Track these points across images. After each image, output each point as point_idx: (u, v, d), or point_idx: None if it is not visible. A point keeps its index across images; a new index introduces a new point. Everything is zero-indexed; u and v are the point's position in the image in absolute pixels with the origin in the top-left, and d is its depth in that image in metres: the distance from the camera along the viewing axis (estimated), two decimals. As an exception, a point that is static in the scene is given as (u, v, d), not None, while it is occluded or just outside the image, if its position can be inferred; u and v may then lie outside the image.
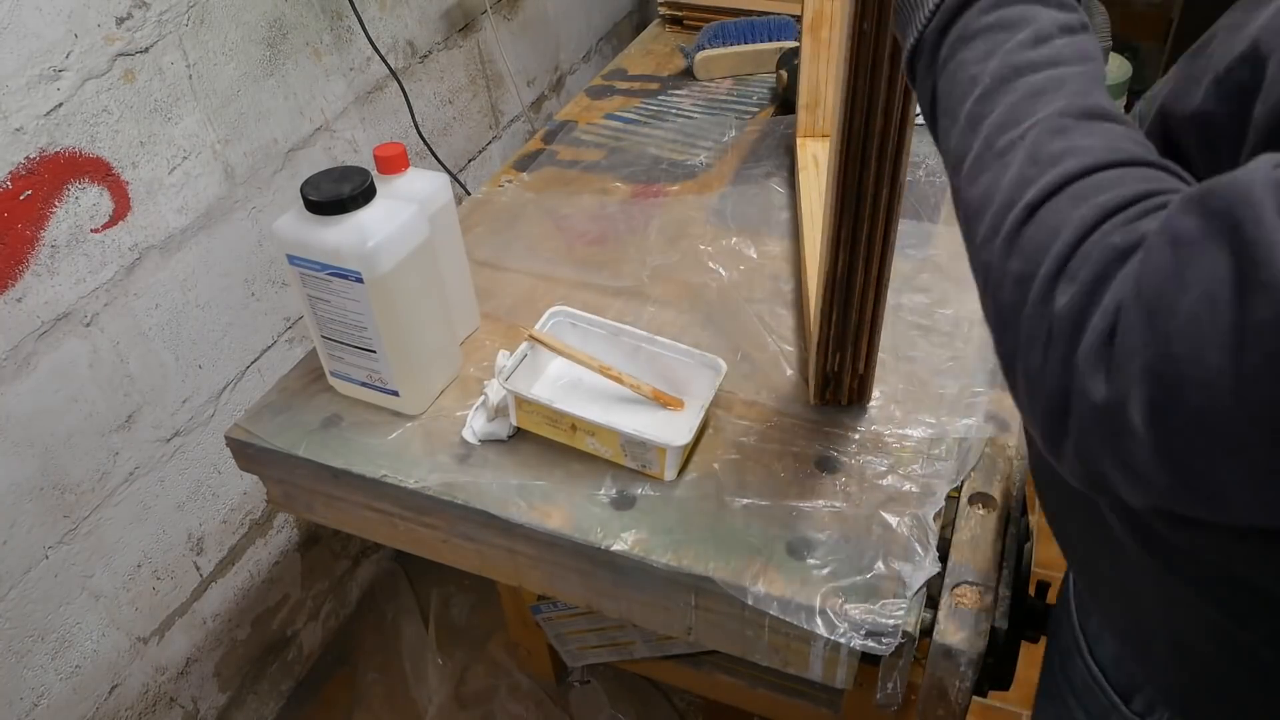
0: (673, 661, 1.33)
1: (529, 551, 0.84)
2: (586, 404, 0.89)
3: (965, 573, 0.76)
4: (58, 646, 1.12)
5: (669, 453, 0.82)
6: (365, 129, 1.38)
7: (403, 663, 1.60)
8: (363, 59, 1.35)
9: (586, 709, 1.52)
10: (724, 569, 0.77)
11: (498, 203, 1.24)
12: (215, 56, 1.11)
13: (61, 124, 0.96)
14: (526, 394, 0.85)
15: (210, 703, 1.39)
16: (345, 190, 0.80)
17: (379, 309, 0.83)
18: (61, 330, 1.02)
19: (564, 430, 0.85)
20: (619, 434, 0.82)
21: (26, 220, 0.95)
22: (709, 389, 0.88)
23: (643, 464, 0.84)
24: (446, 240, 0.93)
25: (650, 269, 1.09)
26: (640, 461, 0.84)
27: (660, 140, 1.34)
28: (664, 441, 0.81)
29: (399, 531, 0.91)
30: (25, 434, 1.01)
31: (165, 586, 1.25)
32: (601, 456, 0.85)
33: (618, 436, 0.83)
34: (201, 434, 1.24)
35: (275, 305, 1.30)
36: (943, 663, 0.73)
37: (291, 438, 0.91)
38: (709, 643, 0.83)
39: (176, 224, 1.12)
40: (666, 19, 1.72)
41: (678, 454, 0.83)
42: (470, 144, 1.66)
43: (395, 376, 0.89)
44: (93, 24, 0.97)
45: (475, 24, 1.59)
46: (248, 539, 1.38)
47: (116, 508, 1.14)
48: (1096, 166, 0.42)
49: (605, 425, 0.82)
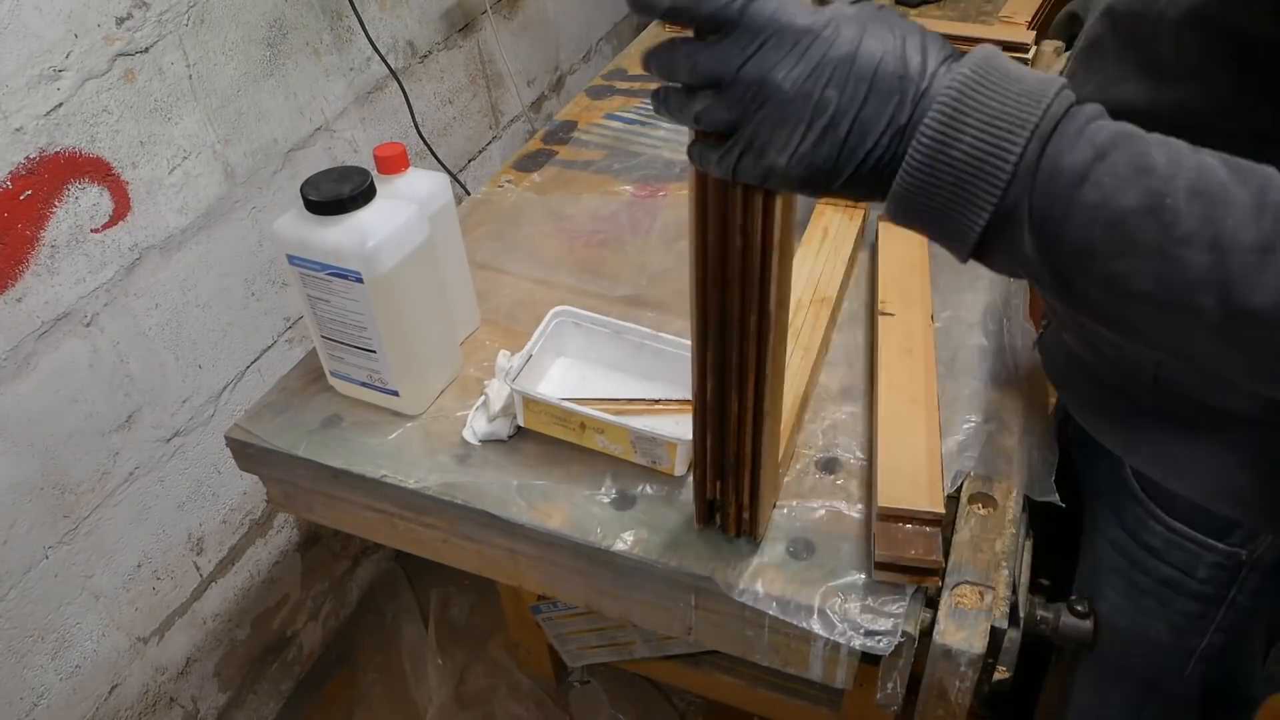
0: (673, 661, 1.33)
1: (529, 551, 0.84)
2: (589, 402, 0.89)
3: (965, 573, 0.76)
4: (58, 646, 1.12)
5: (680, 447, 0.82)
6: (365, 129, 1.38)
7: (403, 663, 1.60)
8: (363, 59, 1.35)
9: (586, 709, 1.52)
10: (724, 569, 0.77)
11: (498, 203, 1.24)
12: (215, 56, 1.11)
13: (61, 124, 0.96)
14: (534, 393, 0.85)
15: (210, 703, 1.39)
16: (345, 190, 0.80)
17: (379, 309, 0.83)
18: (61, 330, 1.02)
19: (573, 429, 0.85)
20: (629, 430, 0.82)
21: (26, 220, 0.95)
22: None
23: (653, 459, 0.84)
24: (446, 240, 0.93)
25: (650, 273, 1.09)
26: (650, 457, 0.84)
27: (660, 140, 1.34)
28: (675, 436, 0.81)
29: (399, 531, 0.91)
30: (25, 434, 1.01)
31: (165, 586, 1.25)
32: (611, 454, 0.85)
33: (628, 433, 0.83)
34: (201, 434, 1.24)
35: (275, 305, 1.30)
36: (943, 663, 0.73)
37: (291, 438, 0.91)
38: (709, 643, 0.83)
39: (176, 224, 1.12)
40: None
41: (688, 449, 0.83)
42: (470, 144, 1.66)
43: (395, 376, 0.89)
44: (93, 24, 0.97)
45: (475, 24, 1.59)
46: (248, 539, 1.38)
47: (116, 508, 1.14)
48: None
49: (615, 422, 0.82)
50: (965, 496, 0.82)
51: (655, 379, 0.92)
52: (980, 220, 0.45)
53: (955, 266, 0.48)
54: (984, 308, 1.00)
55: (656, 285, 1.08)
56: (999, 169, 0.44)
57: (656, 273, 1.09)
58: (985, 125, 0.44)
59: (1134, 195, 0.43)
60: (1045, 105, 0.44)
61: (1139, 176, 0.43)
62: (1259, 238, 0.41)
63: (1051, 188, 0.44)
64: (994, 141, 0.44)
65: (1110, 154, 0.44)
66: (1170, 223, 0.42)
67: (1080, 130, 0.44)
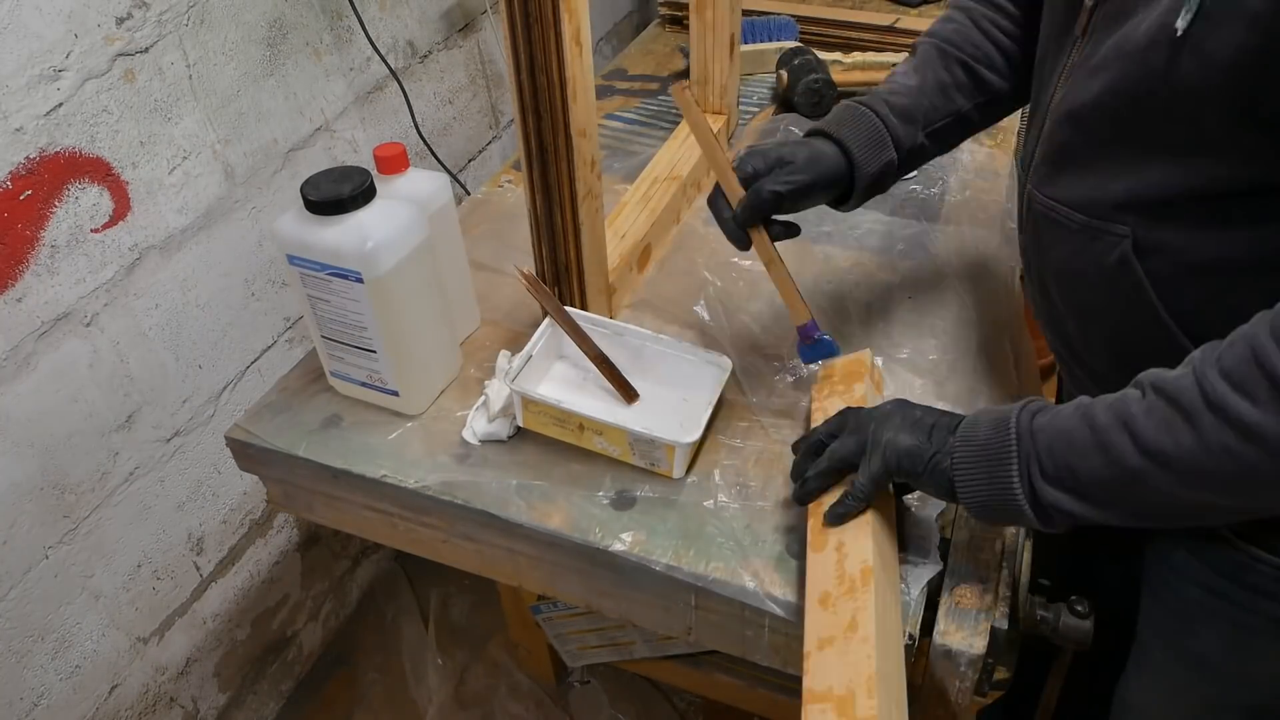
0: (673, 661, 1.33)
1: (529, 551, 0.84)
2: (592, 403, 0.89)
3: (965, 573, 0.76)
4: (58, 646, 1.12)
5: (678, 450, 0.82)
6: (365, 129, 1.38)
7: (403, 663, 1.60)
8: (363, 59, 1.35)
9: (586, 709, 1.52)
10: (724, 569, 0.77)
11: (498, 203, 1.24)
12: (215, 56, 1.11)
13: (61, 124, 0.96)
14: (534, 394, 0.85)
15: (210, 703, 1.39)
16: (345, 190, 0.80)
17: (379, 309, 0.83)
18: (61, 330, 1.02)
19: (571, 430, 0.85)
20: (628, 432, 0.82)
21: (26, 220, 0.95)
22: (715, 386, 0.88)
23: (651, 462, 0.84)
24: (446, 240, 0.93)
25: (650, 274, 1.09)
26: (649, 459, 0.84)
27: (660, 140, 1.34)
28: (673, 439, 0.81)
29: (399, 531, 0.91)
30: (25, 434, 1.01)
31: (165, 586, 1.25)
32: (609, 455, 0.85)
33: (626, 435, 0.83)
34: (201, 434, 1.24)
35: (275, 305, 1.30)
36: (943, 663, 0.73)
37: (291, 438, 0.91)
38: (709, 643, 0.83)
39: (176, 224, 1.12)
40: (666, 19, 1.72)
41: (686, 451, 0.83)
42: (470, 144, 1.66)
43: (395, 376, 0.89)
44: (93, 24, 0.97)
45: (475, 24, 1.59)
46: (248, 539, 1.38)
47: (116, 508, 1.14)
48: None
49: (614, 424, 0.82)
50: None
51: (655, 380, 0.92)
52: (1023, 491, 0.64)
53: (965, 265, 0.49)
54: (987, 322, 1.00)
55: (657, 285, 1.08)
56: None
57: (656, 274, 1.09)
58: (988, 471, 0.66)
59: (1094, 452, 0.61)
60: (1014, 435, 0.65)
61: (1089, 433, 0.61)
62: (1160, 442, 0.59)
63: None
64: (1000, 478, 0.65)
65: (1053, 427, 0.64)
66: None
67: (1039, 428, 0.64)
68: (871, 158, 0.84)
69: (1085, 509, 0.62)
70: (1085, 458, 0.61)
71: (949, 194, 1.20)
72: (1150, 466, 0.58)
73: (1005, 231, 1.13)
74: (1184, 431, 0.56)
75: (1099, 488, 0.61)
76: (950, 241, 1.11)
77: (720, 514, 0.81)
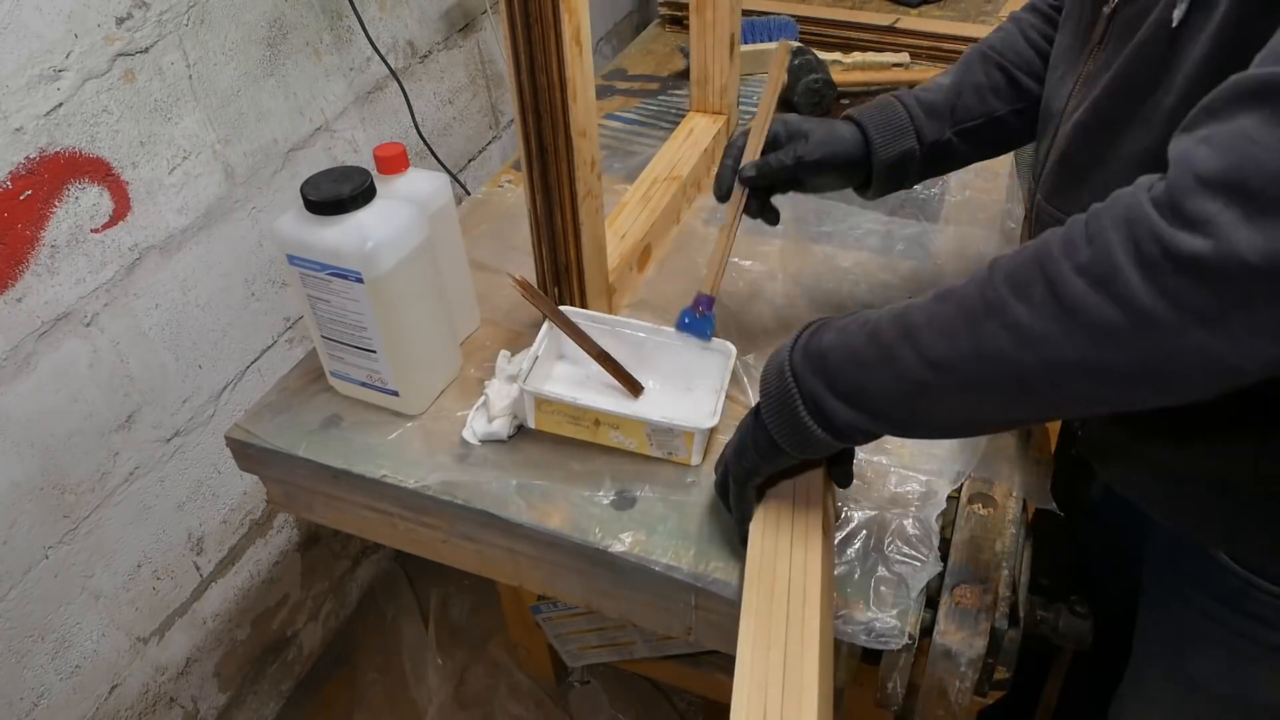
0: (673, 661, 1.33)
1: (529, 551, 0.84)
2: (602, 398, 0.89)
3: (965, 573, 0.76)
4: (58, 646, 1.12)
5: (696, 437, 0.82)
6: (365, 129, 1.38)
7: (403, 663, 1.60)
8: (363, 59, 1.35)
9: (586, 709, 1.52)
10: (724, 569, 0.77)
11: (498, 203, 1.24)
12: (215, 56, 1.11)
13: (61, 124, 0.96)
14: (548, 393, 0.85)
15: (210, 703, 1.39)
16: (345, 190, 0.80)
17: (379, 309, 0.83)
18: (61, 330, 1.02)
19: (586, 427, 0.85)
20: (645, 423, 0.82)
21: (26, 220, 0.95)
22: (723, 373, 0.88)
23: (669, 451, 0.84)
24: (446, 240, 0.93)
25: (649, 274, 1.09)
26: (666, 449, 0.84)
27: (660, 140, 1.34)
28: (691, 426, 0.81)
29: (399, 531, 0.91)
30: (25, 434, 1.01)
31: (165, 586, 1.25)
32: (625, 449, 0.85)
33: (644, 426, 0.83)
34: (201, 434, 1.24)
35: (275, 305, 1.30)
36: (943, 663, 0.73)
37: (291, 438, 0.91)
38: (709, 643, 0.83)
39: (176, 224, 1.12)
40: (666, 19, 1.72)
41: (704, 438, 0.83)
42: (470, 144, 1.66)
43: (395, 376, 0.89)
44: (93, 24, 0.97)
45: (475, 24, 1.59)
46: (248, 539, 1.38)
47: (116, 508, 1.14)
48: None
49: (631, 416, 0.82)
50: (965, 496, 0.82)
51: (658, 373, 0.92)
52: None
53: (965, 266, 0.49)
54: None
55: (657, 285, 1.08)
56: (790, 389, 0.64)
57: (656, 273, 1.09)
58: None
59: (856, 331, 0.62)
60: (791, 377, 0.65)
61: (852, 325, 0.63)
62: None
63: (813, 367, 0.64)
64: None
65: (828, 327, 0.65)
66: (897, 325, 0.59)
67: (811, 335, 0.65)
68: (890, 142, 0.85)
69: (880, 426, 0.62)
70: (874, 374, 0.60)
71: (949, 194, 1.20)
72: (933, 377, 0.56)
73: (1005, 231, 1.13)
74: (963, 338, 0.54)
75: (887, 402, 0.60)
76: (950, 241, 1.11)
77: (720, 513, 0.81)
